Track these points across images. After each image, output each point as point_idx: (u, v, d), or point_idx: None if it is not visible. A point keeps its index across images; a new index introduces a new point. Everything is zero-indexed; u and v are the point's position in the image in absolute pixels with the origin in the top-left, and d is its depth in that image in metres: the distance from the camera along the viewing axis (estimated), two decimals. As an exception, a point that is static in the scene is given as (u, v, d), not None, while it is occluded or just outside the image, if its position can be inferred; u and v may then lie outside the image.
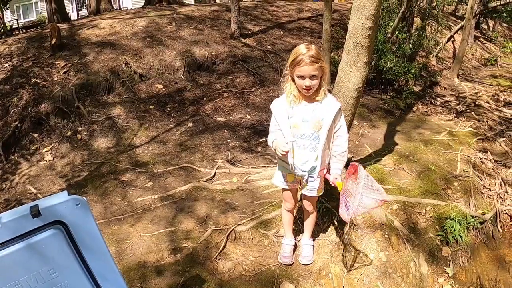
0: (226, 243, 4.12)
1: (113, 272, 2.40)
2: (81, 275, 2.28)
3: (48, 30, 9.78)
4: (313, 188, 3.47)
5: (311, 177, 3.32)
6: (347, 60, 4.16)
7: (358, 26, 3.97)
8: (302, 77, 2.96)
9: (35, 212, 1.98)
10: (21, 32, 18.72)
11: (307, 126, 3.15)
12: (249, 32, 10.81)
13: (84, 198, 2.09)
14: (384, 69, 8.71)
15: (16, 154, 6.99)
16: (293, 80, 3.08)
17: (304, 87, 2.98)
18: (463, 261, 4.47)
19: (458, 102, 9.33)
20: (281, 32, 11.29)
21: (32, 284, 2.17)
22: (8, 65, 8.80)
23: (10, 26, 25.13)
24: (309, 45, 2.98)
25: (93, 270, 2.31)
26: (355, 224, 4.33)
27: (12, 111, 7.60)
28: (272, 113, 3.26)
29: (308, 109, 3.14)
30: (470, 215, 4.72)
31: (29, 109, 7.58)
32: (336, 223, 4.31)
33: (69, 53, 9.05)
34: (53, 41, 9.00)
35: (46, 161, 6.68)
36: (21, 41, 9.78)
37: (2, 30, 19.10)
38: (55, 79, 8.23)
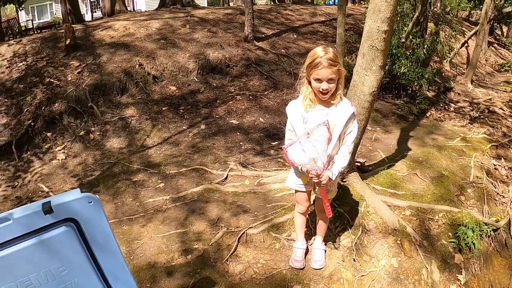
0: (237, 245, 4.10)
1: (123, 271, 2.38)
2: (92, 273, 2.27)
3: (62, 30, 9.86)
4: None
5: None
6: (362, 64, 4.13)
7: (374, 29, 3.95)
8: (319, 80, 2.93)
9: (47, 209, 1.97)
10: (35, 32, 18.89)
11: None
12: (263, 35, 10.81)
13: (97, 196, 2.08)
14: (398, 74, 8.66)
15: (28, 153, 7.05)
16: (309, 83, 3.06)
17: (321, 90, 2.95)
18: (476, 269, 4.42)
19: (471, 108, 9.25)
20: (295, 36, 11.29)
21: (42, 281, 2.16)
22: (23, 65, 8.89)
23: (25, 26, 25.39)
24: (326, 48, 2.96)
25: (104, 268, 2.29)
26: (367, 229, 4.31)
27: (26, 109, 7.67)
28: (288, 117, 3.24)
29: (322, 113, 3.11)
30: (483, 222, 4.66)
31: (43, 108, 7.64)
32: (348, 227, 4.29)
33: (83, 53, 9.11)
34: (68, 41, 9.07)
35: (59, 160, 6.72)
36: (35, 41, 9.87)
37: (17, 30, 19.32)
38: (69, 79, 8.29)
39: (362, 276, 3.90)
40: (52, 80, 8.26)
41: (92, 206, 2.08)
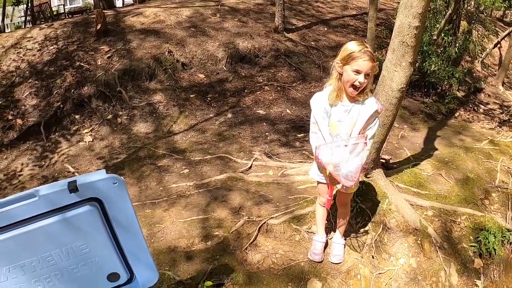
0: (257, 235, 4.15)
1: (144, 253, 2.44)
2: (112, 252, 2.32)
3: (93, 16, 9.97)
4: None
5: None
6: (391, 59, 4.10)
7: (405, 25, 3.90)
8: (358, 72, 2.89)
9: (73, 188, 2.01)
10: (67, 17, 19.10)
11: (342, 127, 3.13)
12: (293, 27, 10.76)
13: (122, 177, 2.11)
14: (428, 71, 8.54)
15: (56, 134, 7.20)
16: (340, 76, 3.04)
17: (358, 83, 2.92)
18: (495, 275, 4.35)
19: (501, 111, 9.07)
20: (325, 29, 11.19)
21: (63, 257, 2.22)
22: (54, 48, 9.03)
23: (57, 11, 25.64)
24: (363, 42, 2.95)
25: (125, 248, 2.35)
26: (388, 227, 4.29)
27: (55, 92, 7.82)
28: (311, 109, 3.24)
29: (344, 109, 3.11)
30: (506, 228, 4.57)
31: (72, 91, 7.77)
32: (369, 224, 4.28)
33: (114, 39, 9.20)
34: (98, 26, 9.17)
35: (86, 142, 6.84)
36: (67, 26, 10.00)
37: (49, 15, 19.55)
38: (99, 63, 8.40)
39: (380, 273, 3.90)
40: (82, 64, 8.38)
41: (117, 187, 2.12)
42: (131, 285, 2.54)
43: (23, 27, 18.57)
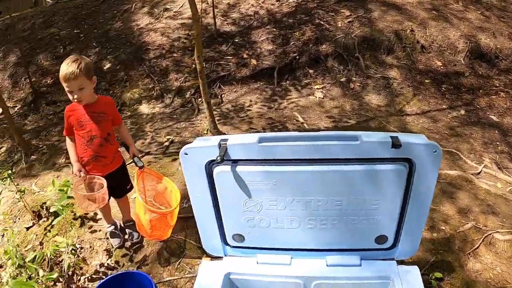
0: (480, 244, 4.16)
1: (419, 227, 2.50)
2: (395, 216, 2.38)
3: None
4: None
5: None
6: None
7: None
8: None
9: (397, 144, 2.06)
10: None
11: None
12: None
13: (440, 148, 2.12)
14: None
15: (287, 82, 7.71)
16: None
17: None
18: None
19: None
20: None
21: (351, 206, 2.32)
22: (293, 2, 9.45)
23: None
24: None
25: (406, 216, 2.39)
26: None
27: (292, 43, 8.30)
28: None
29: None
30: None
31: (310, 45, 8.19)
32: None
33: (354, 4, 9.34)
34: (340, -11, 9.41)
35: (316, 97, 7.25)
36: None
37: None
38: (339, 25, 8.67)
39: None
40: (322, 23, 8.72)
41: (434, 156, 2.16)
42: (390, 251, 2.63)
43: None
